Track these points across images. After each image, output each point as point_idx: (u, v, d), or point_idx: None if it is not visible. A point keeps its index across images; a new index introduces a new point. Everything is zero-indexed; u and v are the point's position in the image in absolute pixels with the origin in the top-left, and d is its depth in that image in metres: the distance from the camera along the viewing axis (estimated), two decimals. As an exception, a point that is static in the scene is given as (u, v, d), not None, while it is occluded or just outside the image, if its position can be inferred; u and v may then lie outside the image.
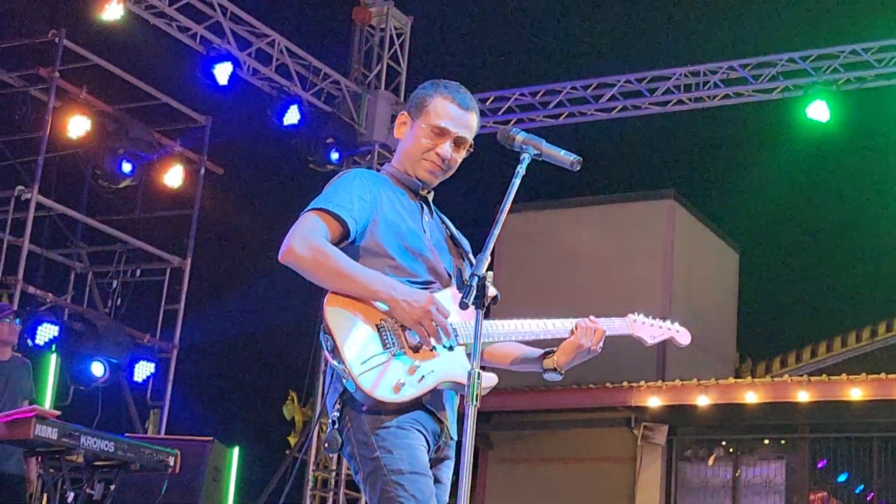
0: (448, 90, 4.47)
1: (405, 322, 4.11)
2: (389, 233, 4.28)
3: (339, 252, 4.16)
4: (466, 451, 3.82)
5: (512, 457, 17.46)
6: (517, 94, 17.04)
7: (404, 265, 4.26)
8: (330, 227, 4.19)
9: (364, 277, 4.13)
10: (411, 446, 4.10)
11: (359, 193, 4.27)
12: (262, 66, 15.81)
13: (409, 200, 4.43)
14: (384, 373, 4.04)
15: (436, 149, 4.41)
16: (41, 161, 13.44)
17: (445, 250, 4.46)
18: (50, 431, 8.47)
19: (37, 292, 13.73)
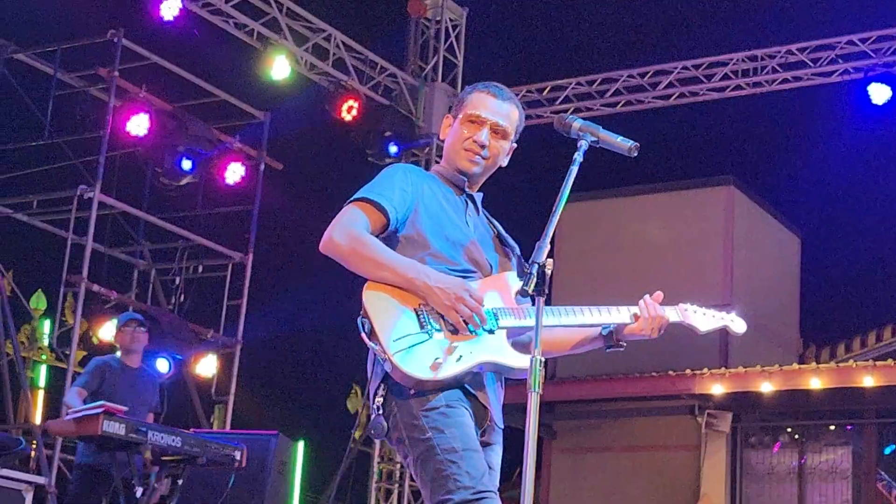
0: (485, 86, 4.55)
1: (438, 308, 4.16)
2: (430, 222, 4.37)
3: (376, 241, 4.25)
4: (530, 440, 3.83)
5: (575, 446, 17.45)
6: (574, 83, 17.03)
7: (443, 253, 4.33)
8: (371, 217, 4.29)
9: (400, 265, 4.20)
10: (462, 423, 4.13)
11: (400, 185, 4.37)
12: (319, 61, 15.90)
13: (454, 196, 4.52)
14: (420, 352, 4.10)
15: (474, 136, 4.47)
16: (102, 160, 13.55)
17: (490, 247, 4.51)
18: (118, 427, 8.58)
19: (101, 290, 13.84)
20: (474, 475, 4.05)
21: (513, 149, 4.59)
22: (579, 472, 17.34)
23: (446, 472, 4.05)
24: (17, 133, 14.49)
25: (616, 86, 16.77)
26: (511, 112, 4.53)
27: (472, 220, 4.51)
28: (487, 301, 4.25)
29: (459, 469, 4.04)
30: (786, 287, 19.89)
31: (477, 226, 4.51)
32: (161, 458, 9.23)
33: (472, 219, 4.51)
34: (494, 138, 4.48)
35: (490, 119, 4.47)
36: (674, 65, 16.46)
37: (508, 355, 4.23)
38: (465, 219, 4.48)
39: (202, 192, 15.25)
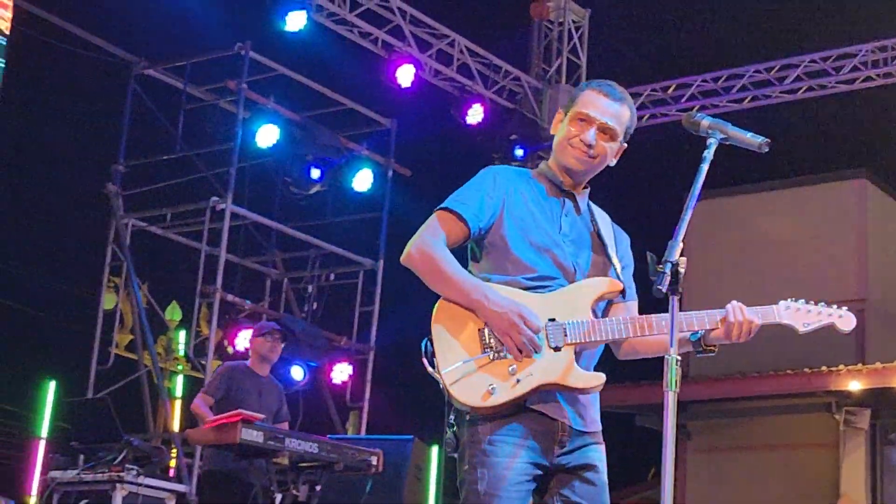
0: (598, 84, 4.51)
1: (496, 332, 4.19)
2: (515, 228, 4.36)
3: (446, 258, 4.27)
4: (668, 439, 3.82)
5: (710, 446, 17.31)
6: (699, 80, 16.90)
7: (524, 260, 4.33)
8: (452, 227, 4.32)
9: (463, 285, 4.24)
10: (497, 464, 4.18)
11: (487, 191, 4.38)
12: (443, 67, 15.95)
13: (549, 196, 4.49)
14: (475, 379, 4.17)
15: (581, 135, 4.42)
16: (233, 171, 13.74)
17: (586, 246, 4.47)
18: (256, 435, 8.68)
19: (235, 300, 14.04)
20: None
21: (623, 149, 4.55)
22: (715, 471, 17.21)
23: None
24: (150, 148, 14.75)
25: (742, 81, 16.61)
26: (621, 113, 4.49)
27: (570, 221, 4.48)
28: (560, 313, 4.26)
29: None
30: (922, 280, 19.55)
31: (574, 226, 4.48)
32: (298, 465, 9.33)
33: (570, 219, 4.48)
34: (602, 138, 4.44)
35: (598, 119, 4.43)
36: (801, 58, 16.26)
37: (572, 376, 4.24)
38: (560, 220, 4.46)
39: (332, 200, 15.40)
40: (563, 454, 4.29)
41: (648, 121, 17.29)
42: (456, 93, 16.10)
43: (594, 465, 4.34)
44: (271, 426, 9.19)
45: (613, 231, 4.59)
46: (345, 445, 9.54)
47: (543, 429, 4.26)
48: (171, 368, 14.78)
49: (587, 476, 4.32)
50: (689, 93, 16.91)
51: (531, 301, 4.25)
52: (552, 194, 4.50)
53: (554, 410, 4.27)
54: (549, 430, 4.27)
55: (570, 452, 4.30)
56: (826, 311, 4.48)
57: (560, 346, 4.22)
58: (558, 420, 4.28)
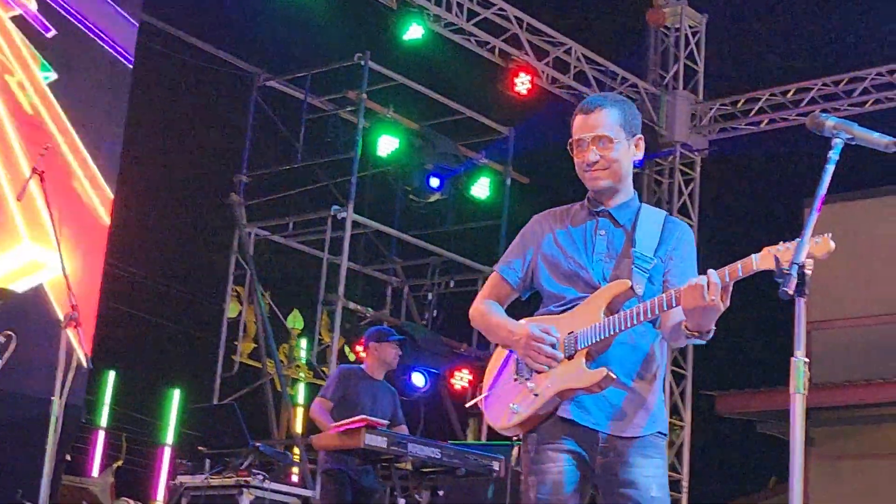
0: (578, 107, 4.74)
1: (518, 355, 4.56)
2: (546, 268, 4.65)
3: (489, 308, 4.71)
4: (796, 442, 3.82)
5: (835, 453, 17.10)
6: (819, 84, 16.74)
7: (555, 292, 4.62)
8: (498, 285, 4.78)
9: (498, 326, 4.65)
10: (541, 471, 4.43)
11: (521, 245, 4.76)
12: (560, 75, 16.00)
13: (580, 224, 4.69)
14: (500, 402, 4.57)
15: (583, 159, 4.63)
16: (354, 180, 13.89)
17: (622, 256, 4.57)
18: (380, 440, 8.78)
19: (357, 308, 14.17)
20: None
21: (639, 139, 4.70)
22: (839, 479, 17.00)
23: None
24: (272, 158, 14.96)
25: (864, 84, 16.43)
26: (600, 118, 4.62)
27: (606, 238, 4.61)
28: (577, 325, 4.46)
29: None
30: None
31: (612, 241, 4.61)
32: (421, 470, 9.41)
33: (607, 235, 4.62)
34: (602, 149, 4.61)
35: (588, 137, 4.61)
36: (924, 60, 16.07)
37: (580, 377, 4.42)
38: (594, 241, 4.61)
39: (451, 208, 15.49)
40: (606, 464, 4.43)
41: (768, 125, 17.17)
42: (573, 100, 16.12)
43: (637, 482, 4.41)
44: (395, 432, 9.28)
45: (663, 228, 4.65)
46: (467, 451, 9.58)
47: (582, 437, 4.45)
48: (293, 376, 14.96)
49: (629, 493, 4.41)
50: (809, 97, 16.76)
51: (554, 321, 4.52)
52: (586, 219, 4.69)
53: (585, 418, 4.44)
54: (589, 439, 4.44)
55: (615, 463, 4.42)
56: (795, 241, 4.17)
57: (573, 354, 4.44)
58: (595, 430, 4.44)
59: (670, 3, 17.51)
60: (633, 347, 4.49)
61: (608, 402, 4.44)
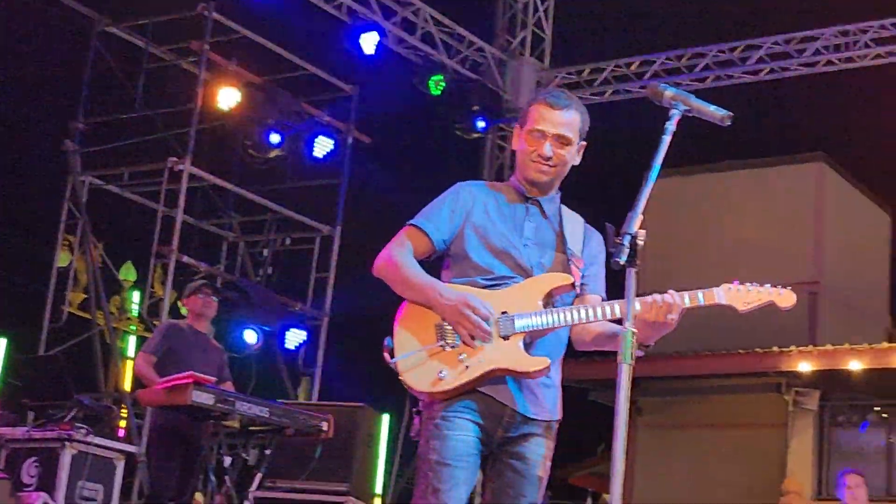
0: (545, 96, 4.74)
1: (449, 323, 4.47)
2: (475, 237, 4.65)
3: (408, 264, 4.60)
4: (621, 411, 3.86)
5: (661, 422, 17.39)
6: (663, 58, 16.93)
7: (481, 264, 4.61)
8: (417, 240, 4.66)
9: (420, 285, 4.54)
10: (447, 437, 4.46)
11: (450, 206, 4.71)
12: (407, 36, 15.92)
13: (512, 204, 4.75)
14: (427, 367, 4.46)
15: (538, 150, 4.65)
16: (193, 133, 13.69)
17: (551, 247, 4.71)
18: (207, 397, 8.66)
19: (190, 261, 13.99)
20: (437, 488, 4.42)
21: (583, 147, 4.77)
22: (665, 448, 17.29)
23: (420, 479, 4.49)
24: (110, 106, 14.65)
25: (705, 60, 16.65)
26: (572, 119, 4.68)
27: (534, 225, 4.71)
28: (512, 306, 4.50)
29: (427, 480, 4.45)
30: (875, 265, 19.69)
31: (539, 229, 4.71)
32: (249, 429, 9.31)
33: (534, 223, 4.71)
34: (558, 147, 4.67)
35: (550, 132, 4.64)
36: (764, 40, 16.31)
37: (517, 361, 4.47)
38: (523, 225, 4.69)
39: (291, 165, 15.35)
40: (505, 438, 4.55)
41: (611, 96, 17.32)
42: (419, 61, 16.07)
43: (529, 458, 4.58)
44: (223, 389, 9.16)
45: (584, 232, 4.81)
46: (296, 410, 9.53)
47: (492, 411, 4.51)
48: (123, 328, 14.72)
49: (518, 466, 4.57)
50: (651, 70, 16.94)
51: (485, 296, 4.52)
52: (516, 202, 4.76)
53: (503, 395, 4.52)
54: (496, 413, 4.52)
55: (513, 439, 4.56)
56: (766, 289, 4.63)
57: (509, 336, 4.46)
58: (507, 405, 4.51)
59: (520, -32, 17.53)
60: (558, 336, 4.63)
61: (526, 384, 4.55)
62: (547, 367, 4.49)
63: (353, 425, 10.71)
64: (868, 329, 18.22)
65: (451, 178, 4.91)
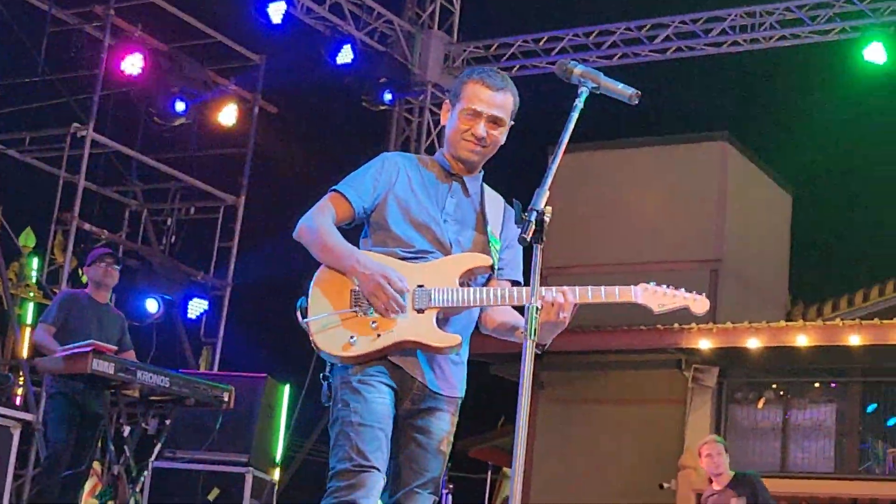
0: (481, 75, 4.71)
1: (364, 292, 4.48)
2: (396, 208, 4.66)
3: (328, 230, 4.60)
4: (524, 386, 3.87)
5: (563, 397, 17.51)
6: (571, 34, 16.99)
7: (401, 236, 4.62)
8: (339, 207, 4.65)
9: (340, 251, 4.55)
10: (368, 399, 4.45)
11: (373, 175, 4.71)
12: (315, 6, 15.84)
13: (436, 180, 4.76)
14: (338, 331, 4.48)
15: (472, 129, 4.65)
16: (96, 99, 13.55)
17: (470, 226, 4.73)
18: (107, 366, 8.58)
19: (92, 229, 13.85)
20: (362, 449, 4.38)
21: (510, 126, 4.77)
22: (566, 423, 17.41)
23: (339, 443, 4.44)
24: (11, 70, 14.45)
25: (613, 38, 16.73)
26: (506, 101, 4.69)
27: (455, 202, 4.73)
28: (429, 280, 4.52)
29: (350, 442, 4.40)
30: (776, 244, 19.94)
31: (460, 207, 4.73)
32: (149, 398, 9.24)
33: (456, 200, 4.73)
34: (492, 128, 4.67)
35: (486, 112, 4.64)
36: (672, 18, 16.42)
37: (430, 335, 4.49)
38: (445, 202, 4.71)
39: (196, 134, 15.23)
40: (411, 410, 4.57)
41: (518, 72, 17.35)
42: (327, 32, 15.99)
43: (432, 431, 4.60)
44: (123, 359, 9.07)
45: (504, 213, 4.82)
46: (196, 380, 9.47)
47: (401, 381, 4.53)
48: (22, 295, 14.52)
49: (422, 440, 4.58)
50: (560, 46, 16.99)
51: (403, 269, 4.53)
52: (441, 178, 4.77)
53: (412, 367, 4.54)
54: (405, 384, 4.53)
55: (419, 412, 4.58)
56: (681, 293, 4.83)
57: (424, 309, 4.49)
58: (416, 378, 4.54)
59: (430, -59, 17.50)
60: (470, 315, 4.68)
61: (434, 359, 4.58)
62: (458, 344, 4.54)
63: (254, 396, 10.67)
64: (767, 308, 18.46)
65: (356, 150, 4.95)
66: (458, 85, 4.75)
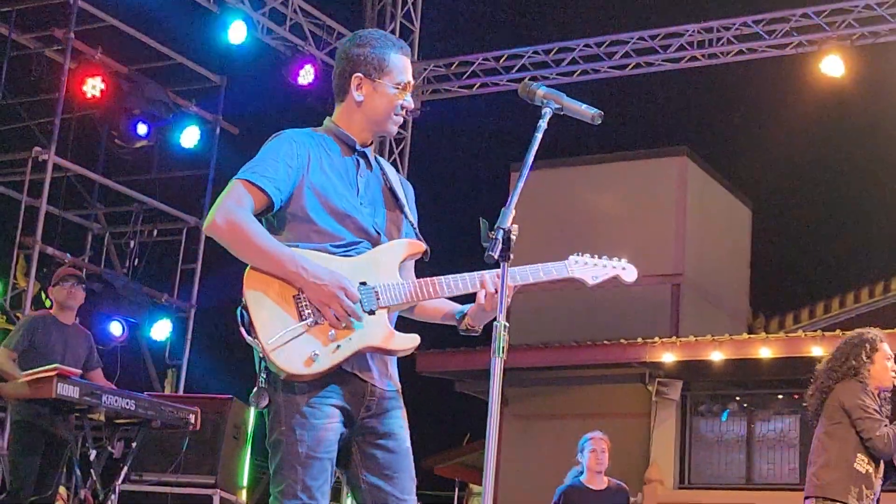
0: (399, 46, 4.53)
1: (314, 303, 4.17)
2: (314, 197, 4.33)
3: (257, 228, 4.22)
4: (493, 404, 3.87)
5: (527, 413, 17.54)
6: (530, 51, 17.05)
7: (327, 229, 4.32)
8: (254, 196, 4.25)
9: (277, 256, 4.18)
10: (315, 427, 4.20)
11: (285, 160, 4.31)
12: (276, 26, 15.87)
13: (343, 157, 4.47)
14: (297, 346, 4.14)
15: (403, 102, 4.48)
16: (57, 122, 13.51)
17: (381, 203, 4.50)
18: (72, 390, 8.56)
19: (55, 253, 13.80)
20: (308, 485, 4.18)
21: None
22: (530, 438, 17.44)
23: (284, 472, 4.20)
24: (-28, 94, 14.40)
25: (572, 55, 16.80)
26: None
27: (364, 180, 4.48)
28: (371, 278, 4.29)
29: (295, 475, 4.18)
30: (737, 257, 20.06)
31: (369, 184, 4.50)
32: (115, 421, 9.23)
33: (364, 179, 4.49)
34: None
35: (411, 83, 4.54)
36: (630, 35, 16.51)
37: (390, 339, 4.29)
38: (356, 181, 4.46)
39: (157, 156, 15.23)
40: (368, 416, 4.34)
41: (479, 89, 17.42)
42: (288, 53, 16.02)
43: (395, 433, 4.39)
44: (89, 382, 9.05)
45: (402, 183, 4.66)
46: (162, 403, 9.46)
47: (355, 391, 4.29)
48: (-16, 321, 14.48)
49: (388, 445, 4.36)
50: (519, 63, 17.06)
51: (341, 266, 4.26)
52: (345, 154, 4.49)
53: (365, 373, 4.31)
54: (359, 392, 4.31)
55: (375, 416, 4.35)
56: (610, 263, 4.63)
57: (374, 310, 4.27)
58: (368, 382, 4.32)
59: (389, -39, 17.57)
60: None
61: (381, 358, 4.38)
62: (417, 344, 4.34)
63: (221, 418, 10.67)
64: (729, 320, 18.57)
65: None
66: (378, 55, 4.46)
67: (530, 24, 18.98)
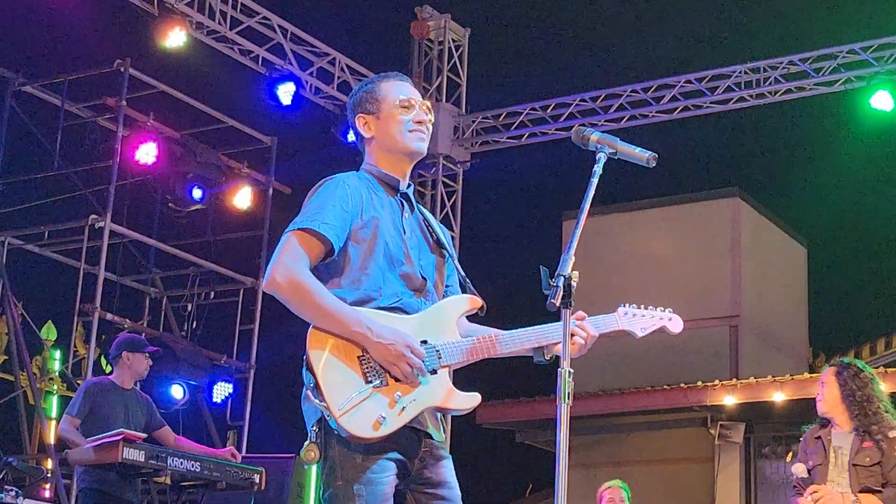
0: (388, 75, 4.63)
1: (381, 363, 4.16)
2: (366, 241, 4.34)
3: (318, 287, 4.19)
4: (561, 452, 3.86)
5: (590, 461, 17.43)
6: (578, 99, 17.08)
7: (380, 278, 4.31)
8: (312, 248, 4.24)
9: (343, 316, 4.16)
10: (372, 481, 4.17)
11: (341, 204, 4.31)
12: (324, 85, 15.99)
13: (388, 198, 4.48)
14: (364, 410, 4.11)
15: (412, 118, 4.50)
16: (112, 189, 13.62)
17: (425, 248, 4.51)
18: (138, 454, 8.62)
19: (114, 318, 13.89)
20: None
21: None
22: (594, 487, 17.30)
23: None
24: (27, 165, 14.57)
25: (620, 101, 16.82)
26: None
27: (408, 223, 4.48)
28: (431, 336, 4.29)
29: None
30: (794, 296, 19.93)
31: (412, 228, 4.50)
32: (180, 484, 9.27)
33: (408, 220, 4.49)
34: (426, 111, 4.58)
35: (418, 101, 4.55)
36: (677, 78, 16.51)
37: (452, 398, 4.29)
38: (402, 224, 4.46)
39: (212, 218, 15.32)
40: (422, 468, 4.34)
41: (528, 139, 17.46)
42: (336, 111, 16.13)
43: (448, 482, 4.39)
44: (154, 445, 9.10)
45: (441, 229, 4.66)
46: (227, 464, 9.49)
47: (410, 445, 4.29)
48: (46, 388, 14.57)
49: (443, 493, 4.37)
50: (567, 112, 17.09)
51: (404, 325, 4.24)
52: (389, 195, 4.50)
53: (424, 425, 4.32)
54: (414, 445, 4.31)
55: (428, 467, 4.35)
56: (657, 314, 4.71)
57: (437, 369, 4.26)
58: (425, 432, 4.33)
59: (434, 16, 17.68)
60: None
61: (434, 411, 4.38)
62: (478, 403, 4.35)
63: (284, 476, 10.70)
64: (789, 360, 18.43)
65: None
66: (368, 93, 4.57)
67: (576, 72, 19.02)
